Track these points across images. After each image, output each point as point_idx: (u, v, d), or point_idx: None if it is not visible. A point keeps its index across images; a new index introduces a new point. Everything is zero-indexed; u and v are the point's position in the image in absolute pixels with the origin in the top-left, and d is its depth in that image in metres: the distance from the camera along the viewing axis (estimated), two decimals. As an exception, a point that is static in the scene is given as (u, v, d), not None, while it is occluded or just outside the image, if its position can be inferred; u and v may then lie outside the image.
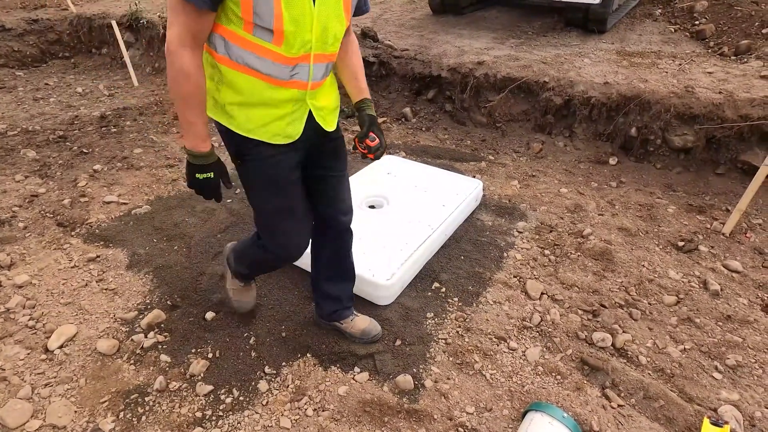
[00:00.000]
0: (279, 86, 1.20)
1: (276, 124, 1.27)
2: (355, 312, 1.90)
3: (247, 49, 1.13)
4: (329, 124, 1.39)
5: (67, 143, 3.63)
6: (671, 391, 1.70)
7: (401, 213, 2.43)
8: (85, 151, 3.50)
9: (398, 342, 1.89)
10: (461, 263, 2.33)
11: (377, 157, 1.42)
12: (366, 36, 4.35)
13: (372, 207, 2.53)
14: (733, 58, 3.73)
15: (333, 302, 1.83)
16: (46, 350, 1.85)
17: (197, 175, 1.26)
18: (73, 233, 2.58)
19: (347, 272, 1.82)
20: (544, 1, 4.44)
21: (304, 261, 2.21)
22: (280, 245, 1.52)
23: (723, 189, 2.94)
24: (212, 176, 1.26)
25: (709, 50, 3.94)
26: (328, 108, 1.36)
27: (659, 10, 4.83)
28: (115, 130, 3.89)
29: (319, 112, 1.34)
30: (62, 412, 1.61)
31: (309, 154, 1.41)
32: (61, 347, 1.86)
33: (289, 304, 2.08)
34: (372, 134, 1.41)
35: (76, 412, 1.63)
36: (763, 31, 3.87)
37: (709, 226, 2.63)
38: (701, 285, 2.21)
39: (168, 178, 3.16)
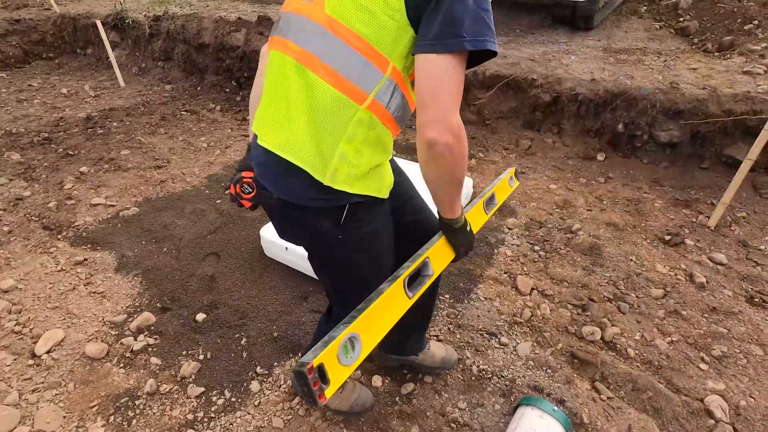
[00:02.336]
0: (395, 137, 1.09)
1: (388, 175, 1.12)
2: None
3: (407, 99, 1.00)
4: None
5: (52, 145, 3.57)
6: (659, 382, 1.73)
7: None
8: (70, 153, 3.45)
9: (390, 340, 1.89)
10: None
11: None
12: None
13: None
14: (716, 54, 3.79)
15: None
16: (34, 355, 1.83)
17: (469, 230, 1.16)
18: (59, 236, 2.55)
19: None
20: (532, -2, 4.47)
21: (293, 260, 2.21)
22: None
23: (708, 183, 2.99)
24: (470, 227, 1.17)
25: (694, 46, 4.00)
26: None
27: (645, 7, 4.89)
28: (101, 131, 3.84)
29: None
30: (51, 418, 1.59)
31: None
32: (48, 352, 1.84)
33: (280, 304, 2.08)
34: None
35: (65, 417, 1.61)
36: (746, 27, 3.94)
37: (695, 219, 2.68)
38: (688, 278, 2.25)
39: (156, 179, 3.13)
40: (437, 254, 1.13)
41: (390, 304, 0.97)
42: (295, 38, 0.97)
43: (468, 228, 1.15)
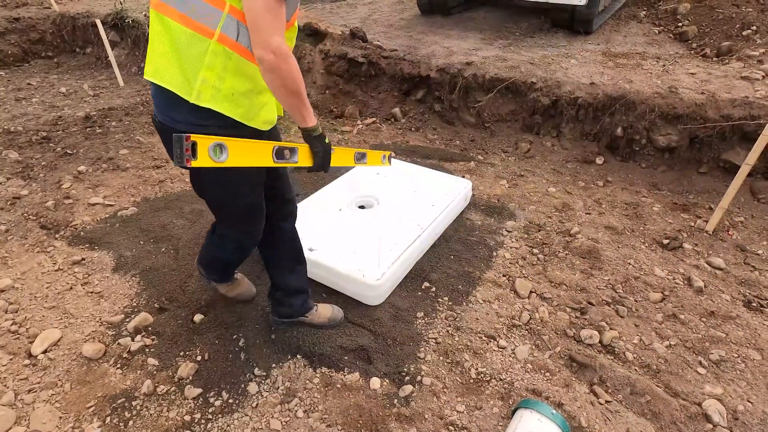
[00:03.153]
0: None
1: (266, 110, 1.36)
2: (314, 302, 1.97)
3: None
4: (281, 110, 1.51)
5: (51, 144, 3.56)
6: (657, 386, 1.73)
7: (391, 213, 2.43)
8: (69, 152, 3.44)
9: (389, 342, 1.89)
10: (451, 263, 2.34)
11: None
12: (355, 36, 4.35)
13: (362, 207, 2.52)
14: (714, 59, 3.81)
15: (301, 294, 1.87)
16: (30, 355, 1.82)
17: (326, 143, 1.42)
18: (57, 236, 2.54)
19: (303, 257, 1.86)
20: (531, 2, 4.49)
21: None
22: (251, 236, 1.62)
23: (706, 187, 3.00)
24: (328, 141, 1.44)
25: (692, 51, 4.02)
26: None
27: (643, 12, 4.92)
28: (100, 130, 3.83)
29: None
30: (47, 418, 1.58)
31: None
32: (45, 352, 1.83)
33: (279, 306, 2.07)
34: None
35: (61, 417, 1.60)
36: (744, 33, 3.96)
37: (693, 223, 2.69)
38: (686, 282, 2.26)
39: (155, 179, 3.12)
40: (303, 153, 1.41)
41: (256, 151, 1.26)
42: None
43: (326, 140, 1.41)
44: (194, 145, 1.07)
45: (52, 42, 5.81)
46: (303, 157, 1.42)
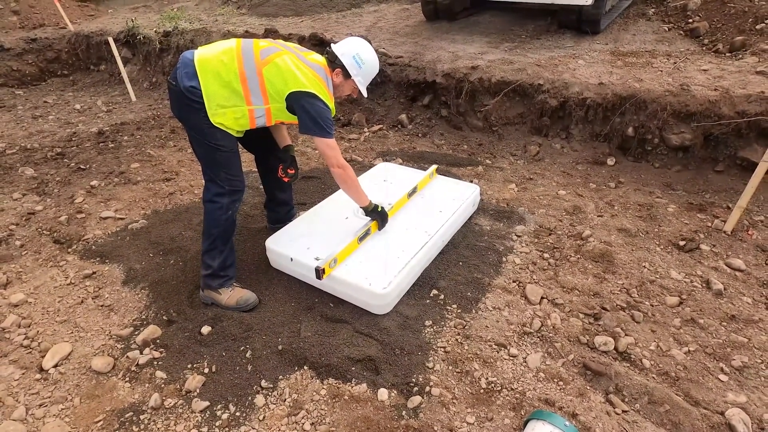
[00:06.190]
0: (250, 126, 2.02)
1: (234, 131, 1.99)
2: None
3: (266, 119, 1.98)
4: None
5: (65, 160, 3.64)
6: (676, 394, 1.66)
7: (398, 220, 2.41)
8: (82, 167, 3.51)
9: (397, 351, 1.86)
10: (459, 269, 2.30)
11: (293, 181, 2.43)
12: (360, 44, 4.37)
13: (368, 215, 2.50)
14: (727, 54, 3.72)
15: (286, 205, 2.60)
16: (41, 369, 1.84)
17: (380, 211, 2.27)
18: (69, 250, 2.58)
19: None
20: (536, 3, 4.45)
21: (299, 271, 2.20)
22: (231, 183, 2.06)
23: (723, 186, 2.91)
24: (381, 208, 2.29)
25: (704, 48, 3.93)
26: None
27: (652, 10, 4.83)
28: (112, 145, 3.91)
29: None
30: (56, 433, 1.58)
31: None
32: (55, 366, 1.85)
33: (285, 316, 2.06)
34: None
35: (70, 432, 1.60)
36: (757, 26, 3.86)
37: (710, 224, 2.60)
38: (704, 285, 2.18)
39: (165, 191, 3.16)
40: (373, 225, 2.30)
41: (349, 249, 2.17)
42: (244, 58, 1.86)
43: (378, 209, 2.27)
44: (324, 270, 2.00)
45: (68, 60, 5.99)
46: (373, 227, 2.30)
